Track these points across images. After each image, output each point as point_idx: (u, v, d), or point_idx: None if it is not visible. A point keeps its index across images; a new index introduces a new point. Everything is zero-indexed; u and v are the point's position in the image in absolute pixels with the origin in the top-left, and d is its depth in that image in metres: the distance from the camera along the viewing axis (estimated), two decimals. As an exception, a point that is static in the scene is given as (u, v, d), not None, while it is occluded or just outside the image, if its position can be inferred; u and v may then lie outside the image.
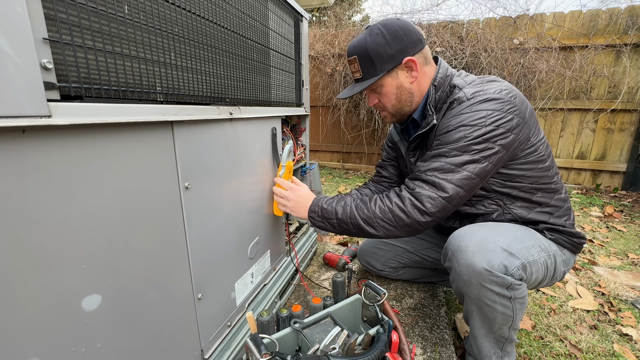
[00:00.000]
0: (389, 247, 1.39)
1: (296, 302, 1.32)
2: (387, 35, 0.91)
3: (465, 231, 0.88)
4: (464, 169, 0.84)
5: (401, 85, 0.97)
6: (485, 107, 0.85)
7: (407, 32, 0.92)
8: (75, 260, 0.49)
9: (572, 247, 0.98)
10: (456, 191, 0.85)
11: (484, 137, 0.83)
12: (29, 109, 0.39)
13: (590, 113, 3.23)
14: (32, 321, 0.44)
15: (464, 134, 0.85)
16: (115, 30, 0.51)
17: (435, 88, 0.96)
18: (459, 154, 0.85)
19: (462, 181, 0.85)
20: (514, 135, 0.86)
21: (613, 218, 2.54)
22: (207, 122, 0.76)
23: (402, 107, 1.01)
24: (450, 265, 0.89)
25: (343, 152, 4.32)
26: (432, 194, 0.85)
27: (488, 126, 0.83)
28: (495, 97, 0.85)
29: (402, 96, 0.99)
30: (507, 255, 0.82)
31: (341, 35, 3.79)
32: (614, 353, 1.15)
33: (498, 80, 0.92)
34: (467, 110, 0.86)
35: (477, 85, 0.91)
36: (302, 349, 0.84)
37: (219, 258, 0.86)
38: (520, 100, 0.88)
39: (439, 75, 0.96)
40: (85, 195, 0.49)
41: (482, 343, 0.93)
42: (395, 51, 0.92)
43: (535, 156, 0.92)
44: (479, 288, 0.82)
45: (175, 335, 0.71)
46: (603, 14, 3.05)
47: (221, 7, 0.77)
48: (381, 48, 0.91)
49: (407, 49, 0.92)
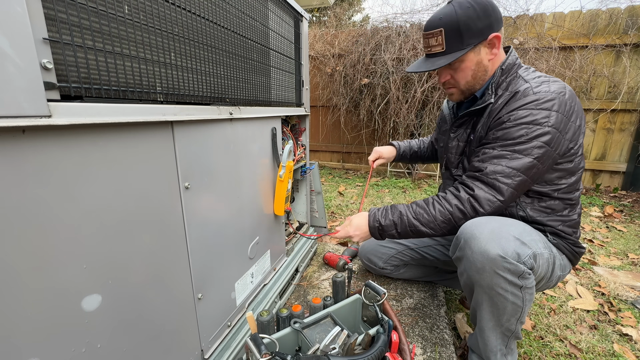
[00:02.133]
0: (392, 244, 1.40)
1: (296, 302, 1.32)
2: (478, 8, 0.89)
3: (478, 221, 0.88)
4: (523, 174, 0.86)
5: (480, 62, 0.95)
6: (547, 107, 0.84)
7: (494, 7, 0.91)
8: (75, 260, 0.49)
9: (571, 256, 0.99)
10: (512, 194, 0.88)
11: (542, 140, 0.84)
12: (29, 109, 0.40)
13: (590, 113, 3.23)
14: (32, 321, 0.44)
15: (525, 132, 0.85)
16: (115, 30, 0.51)
17: (502, 71, 0.95)
18: (520, 156, 0.85)
19: (519, 186, 0.87)
20: (565, 140, 0.87)
21: (613, 218, 2.54)
22: (207, 122, 0.76)
23: (475, 84, 0.99)
24: (462, 254, 0.88)
25: (343, 152, 4.32)
26: (490, 197, 0.88)
27: (551, 127, 0.83)
28: (557, 98, 0.85)
29: (478, 73, 0.97)
30: (519, 244, 0.82)
31: (341, 35, 3.79)
32: (614, 353, 1.15)
33: (558, 81, 0.91)
34: (530, 107, 0.85)
35: (544, 83, 0.89)
36: (302, 349, 0.84)
37: (219, 258, 0.86)
38: (577, 108, 0.88)
39: (509, 60, 0.95)
40: (85, 195, 0.49)
41: (489, 337, 0.93)
42: (485, 25, 0.90)
43: (569, 165, 0.93)
44: (492, 275, 0.82)
45: (175, 335, 0.71)
46: (603, 14, 3.05)
47: (221, 7, 0.77)
48: (472, 21, 0.89)
49: (494, 25, 0.91)
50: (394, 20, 3.49)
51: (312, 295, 1.35)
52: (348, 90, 3.68)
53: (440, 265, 1.33)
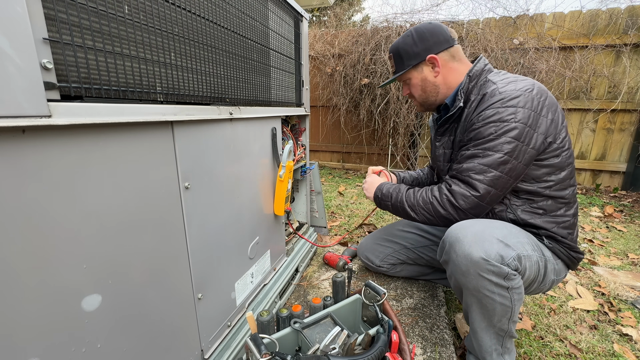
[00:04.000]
0: (388, 243, 1.42)
1: (296, 302, 1.32)
2: (415, 36, 1.06)
3: (463, 224, 0.91)
4: (496, 169, 0.90)
5: (425, 79, 1.10)
6: (513, 104, 0.89)
7: (433, 34, 1.05)
8: (75, 260, 0.49)
9: (568, 260, 0.99)
10: (487, 190, 0.91)
11: (511, 135, 0.88)
12: (29, 109, 0.39)
13: (590, 113, 3.23)
14: (32, 321, 0.44)
15: (494, 130, 0.90)
16: (115, 30, 0.51)
17: (470, 78, 1.04)
18: (490, 153, 0.90)
19: (494, 181, 0.91)
20: (539, 135, 0.89)
21: (613, 218, 2.54)
22: (207, 122, 0.76)
23: (428, 97, 1.13)
24: (447, 258, 0.91)
25: (343, 152, 4.31)
26: (465, 192, 0.94)
27: (518, 122, 0.87)
28: (524, 94, 0.89)
29: (427, 88, 1.11)
30: (503, 246, 0.84)
31: (341, 35, 3.79)
32: (614, 353, 1.15)
33: (529, 79, 0.95)
34: (497, 105, 0.90)
35: (510, 82, 0.94)
36: (302, 349, 0.84)
37: (219, 258, 0.86)
38: (549, 102, 0.92)
39: (476, 68, 1.04)
40: (85, 195, 0.49)
41: (483, 338, 0.93)
42: (421, 49, 1.06)
43: (555, 160, 0.94)
44: (477, 278, 0.84)
45: (175, 335, 0.71)
46: (603, 14, 3.05)
47: (221, 7, 0.77)
48: (408, 47, 1.07)
49: (432, 48, 1.05)
50: (394, 20, 3.48)
51: (312, 295, 1.35)
52: (348, 90, 3.68)
53: (437, 265, 1.34)
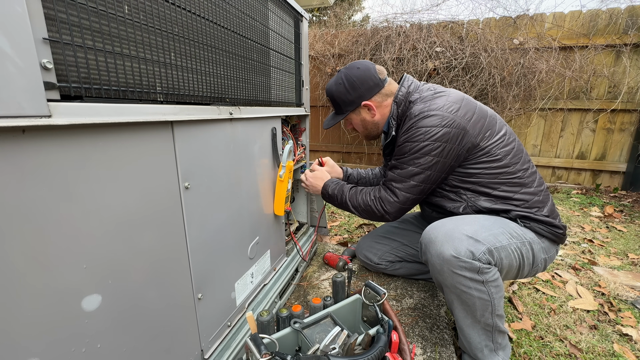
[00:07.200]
0: (386, 241, 1.44)
1: (296, 302, 1.32)
2: (347, 85, 1.15)
3: (435, 225, 0.96)
4: (411, 179, 1.05)
5: (364, 119, 1.22)
6: (425, 124, 1.00)
7: (363, 81, 1.13)
8: (75, 260, 0.49)
9: (551, 236, 1.01)
10: (405, 197, 1.07)
11: (422, 152, 1.00)
12: (29, 109, 0.39)
13: (590, 113, 3.23)
14: (32, 321, 0.44)
15: (409, 148, 1.03)
16: (115, 30, 0.51)
17: (397, 104, 1.14)
18: (406, 166, 1.05)
19: (410, 189, 1.06)
20: (451, 145, 0.99)
21: (613, 218, 2.54)
22: (207, 122, 0.76)
23: (370, 132, 1.27)
24: (426, 258, 0.96)
25: (343, 152, 4.31)
26: (388, 197, 1.10)
27: (426, 141, 0.99)
28: (436, 113, 0.99)
29: (367, 126, 1.24)
30: (472, 242, 0.88)
31: (341, 35, 3.78)
32: (614, 353, 1.15)
33: (446, 94, 1.05)
34: (413, 126, 1.02)
35: (427, 101, 1.05)
36: (302, 349, 0.84)
37: (219, 258, 0.86)
38: (462, 114, 1.00)
39: (400, 93, 1.13)
40: (85, 195, 0.49)
41: (470, 334, 0.96)
42: (355, 97, 1.16)
43: (488, 157, 1.02)
44: (451, 275, 0.89)
45: (175, 335, 0.71)
46: (603, 14, 3.05)
47: (221, 7, 0.77)
48: (343, 95, 1.17)
49: (364, 94, 1.15)
50: (394, 20, 3.48)
51: (312, 295, 1.35)
52: (348, 90, 3.67)
53: None
